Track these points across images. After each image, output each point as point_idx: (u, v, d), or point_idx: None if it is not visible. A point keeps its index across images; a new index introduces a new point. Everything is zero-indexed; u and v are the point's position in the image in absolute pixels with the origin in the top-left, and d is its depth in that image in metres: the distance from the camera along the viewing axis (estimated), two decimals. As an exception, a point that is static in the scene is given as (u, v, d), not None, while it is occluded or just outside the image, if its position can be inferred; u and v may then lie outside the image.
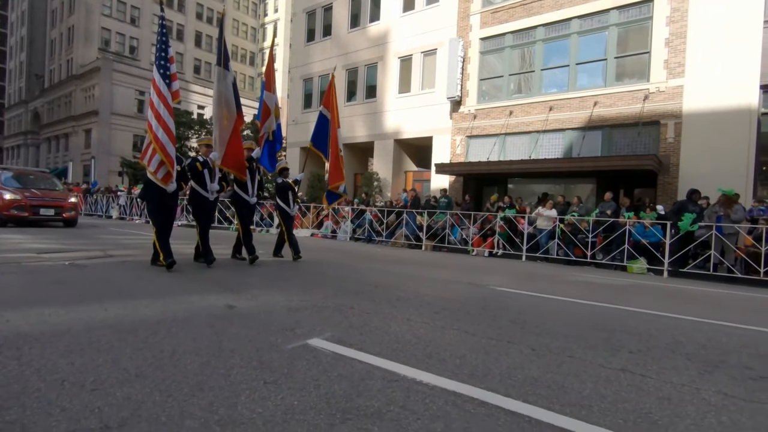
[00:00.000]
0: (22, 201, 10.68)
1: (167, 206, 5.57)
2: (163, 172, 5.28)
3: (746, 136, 10.87)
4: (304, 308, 3.67)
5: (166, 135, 5.28)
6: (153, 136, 5.21)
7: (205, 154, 6.04)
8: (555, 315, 4.01)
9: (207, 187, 5.94)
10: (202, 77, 46.11)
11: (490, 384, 2.18)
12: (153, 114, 5.31)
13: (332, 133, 7.89)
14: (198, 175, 5.90)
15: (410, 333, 3.08)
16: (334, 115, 7.96)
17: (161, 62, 5.46)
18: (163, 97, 5.37)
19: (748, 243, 8.34)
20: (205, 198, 5.97)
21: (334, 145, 7.93)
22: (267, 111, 7.05)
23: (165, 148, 5.22)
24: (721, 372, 2.55)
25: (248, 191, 6.61)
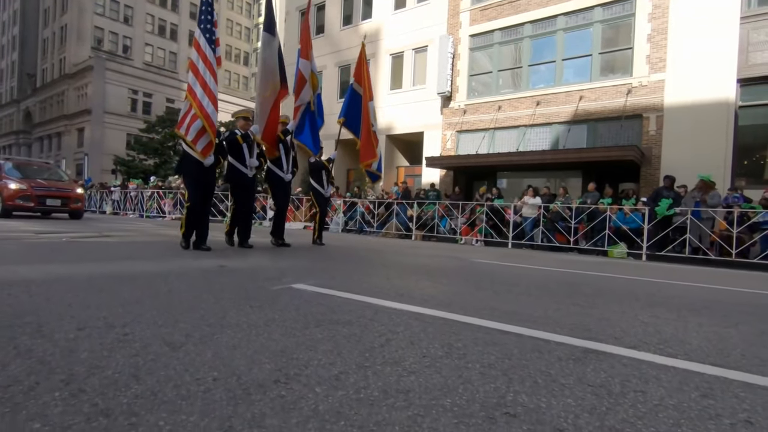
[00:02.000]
0: (28, 191, 10.24)
1: (205, 183, 5.07)
2: (204, 142, 4.81)
3: (724, 129, 11.26)
4: (291, 268, 3.94)
5: (211, 102, 4.84)
6: (196, 103, 4.74)
7: (243, 127, 5.57)
8: (526, 277, 4.30)
9: (246, 162, 5.55)
10: (196, 77, 46.14)
11: (451, 309, 2.46)
12: (197, 80, 4.83)
13: (364, 108, 7.37)
14: (237, 149, 5.48)
15: (387, 283, 3.35)
16: (365, 89, 7.41)
17: (207, 26, 5.00)
18: (209, 62, 4.92)
19: (723, 227, 8.70)
20: (243, 174, 5.58)
21: (366, 121, 7.41)
22: (302, 80, 6.46)
23: (209, 115, 4.78)
24: (662, 306, 2.85)
25: (282, 167, 6.16)
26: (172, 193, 16.47)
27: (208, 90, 4.83)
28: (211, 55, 4.95)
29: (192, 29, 46.71)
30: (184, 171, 5.16)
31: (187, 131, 4.78)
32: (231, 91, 45.26)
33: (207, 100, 4.78)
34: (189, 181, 5.08)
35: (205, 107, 4.75)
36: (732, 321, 2.51)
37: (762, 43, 11.10)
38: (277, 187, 6.28)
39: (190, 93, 4.83)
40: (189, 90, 4.86)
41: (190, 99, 4.80)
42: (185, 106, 4.86)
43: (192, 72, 4.91)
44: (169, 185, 17.50)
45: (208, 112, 4.79)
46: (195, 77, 4.86)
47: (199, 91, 4.79)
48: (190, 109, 4.79)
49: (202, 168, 4.93)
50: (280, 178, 6.19)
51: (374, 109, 7.60)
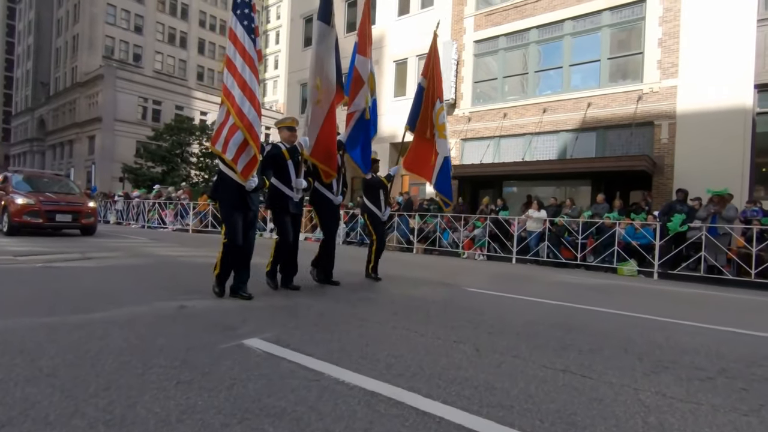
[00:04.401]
0: (36, 206, 9.48)
1: (246, 212, 3.96)
2: (246, 159, 3.76)
3: (741, 136, 10.69)
4: (259, 308, 3.60)
5: (253, 108, 3.80)
6: (235, 110, 3.72)
7: (287, 139, 4.45)
8: (515, 314, 3.90)
9: (291, 184, 4.43)
10: (205, 84, 46.54)
11: (415, 384, 2.09)
12: (236, 80, 3.79)
13: (424, 108, 5.96)
14: (281, 166, 4.38)
15: (357, 333, 3.00)
16: (431, 85, 5.95)
17: (244, 10, 3.92)
18: (249, 57, 3.86)
19: (740, 244, 8.16)
20: (288, 198, 4.43)
21: (424, 123, 5.94)
22: (359, 81, 5.36)
23: (251, 124, 3.75)
24: (668, 373, 2.44)
25: (332, 188, 5.02)
26: (173, 204, 16.34)
27: (249, 92, 3.80)
28: (252, 47, 3.90)
29: (201, 37, 47.14)
30: (220, 197, 3.94)
31: (225, 147, 3.69)
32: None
33: (248, 105, 3.76)
34: (227, 211, 3.88)
35: (246, 114, 3.73)
36: (754, 400, 2.10)
37: (781, 46, 10.53)
38: (325, 212, 5.05)
39: (227, 97, 3.79)
40: (225, 93, 3.81)
41: (228, 105, 3.77)
42: (221, 115, 3.83)
43: (228, 70, 3.83)
44: (168, 195, 17.38)
45: (250, 120, 3.74)
46: (232, 77, 3.80)
47: (237, 93, 3.76)
48: (227, 118, 3.77)
49: (243, 193, 3.86)
50: (329, 201, 5.02)
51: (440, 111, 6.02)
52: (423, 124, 5.96)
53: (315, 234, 14.54)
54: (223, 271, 3.98)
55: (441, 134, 5.98)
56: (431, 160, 5.97)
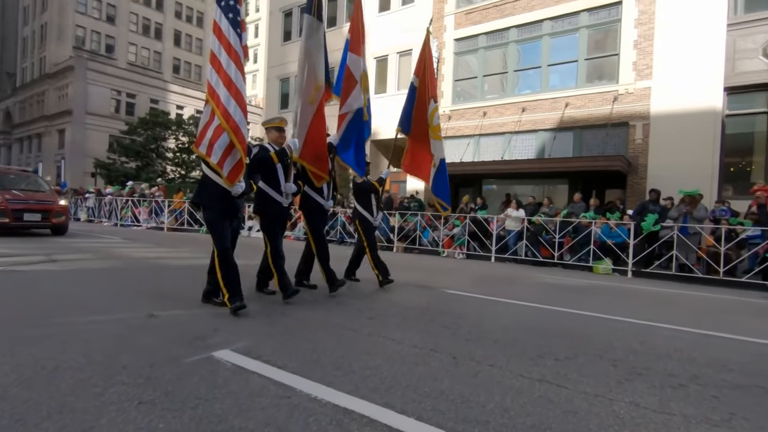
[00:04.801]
0: (2, 204, 9.00)
1: (232, 216, 3.76)
2: (232, 163, 3.52)
3: (711, 138, 11.01)
4: (229, 318, 3.49)
5: (239, 108, 3.58)
6: (221, 110, 3.49)
7: (275, 140, 4.18)
8: (494, 319, 3.90)
9: (281, 188, 4.20)
10: (182, 76, 45.37)
11: (389, 399, 2.04)
12: (220, 77, 3.56)
13: (417, 109, 5.77)
14: (269, 170, 4.12)
15: (332, 341, 2.93)
16: (425, 86, 5.77)
17: (229, 2, 3.67)
18: (234, 53, 3.62)
19: (710, 243, 8.41)
20: (278, 203, 4.20)
21: (420, 124, 5.76)
22: (351, 80, 5.11)
23: (237, 125, 3.54)
24: (642, 380, 2.46)
25: (323, 192, 4.81)
26: (147, 202, 15.88)
27: (235, 90, 3.57)
28: (237, 42, 3.67)
29: (177, 29, 45.85)
30: (205, 203, 3.70)
31: (209, 150, 3.46)
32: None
33: (234, 105, 3.54)
34: (212, 217, 3.65)
35: (232, 114, 3.52)
36: (725, 408, 2.12)
37: (749, 50, 10.86)
38: (316, 217, 4.80)
39: (211, 96, 3.56)
40: (210, 91, 3.59)
41: (213, 104, 3.54)
42: (206, 115, 3.60)
43: (213, 67, 3.61)
44: (142, 192, 16.89)
45: (236, 122, 3.53)
46: (217, 74, 3.57)
47: (223, 93, 3.54)
48: (212, 119, 3.53)
49: (229, 198, 3.63)
50: (319, 206, 4.77)
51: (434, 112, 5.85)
52: (418, 125, 5.79)
53: (294, 232, 14.37)
54: (227, 281, 3.59)
55: (435, 135, 5.85)
56: (429, 162, 5.80)
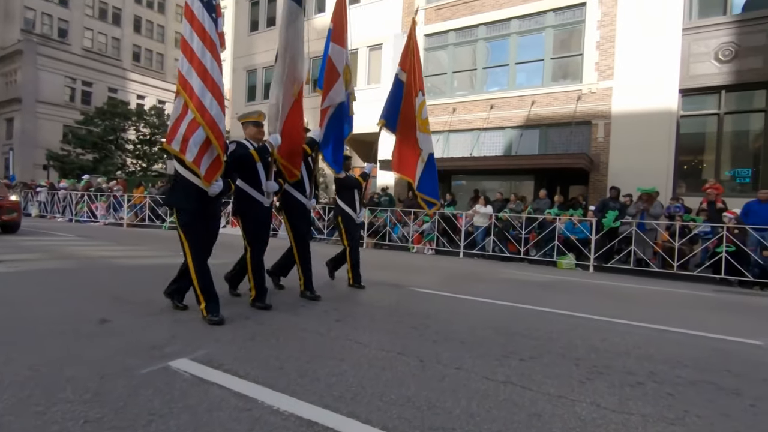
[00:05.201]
0: None
1: (209, 219, 3.48)
2: (209, 161, 3.22)
3: (667, 137, 11.51)
4: (192, 319, 3.35)
5: (216, 101, 3.26)
6: (195, 103, 3.17)
7: (253, 136, 3.86)
8: (462, 318, 3.92)
9: (262, 187, 3.91)
10: (142, 65, 43.38)
11: (355, 408, 1.99)
12: (193, 66, 3.23)
13: (405, 103, 5.56)
14: (249, 168, 3.84)
15: (298, 346, 2.85)
16: (412, 79, 5.59)
17: None
18: (210, 40, 3.29)
19: (665, 239, 8.81)
20: (259, 203, 3.91)
21: (407, 120, 5.56)
22: (333, 72, 4.83)
23: (214, 119, 3.23)
24: (602, 379, 2.52)
25: (305, 190, 4.48)
26: (105, 196, 15.14)
27: (211, 82, 3.24)
28: (212, 28, 3.33)
29: (138, 15, 43.71)
30: (177, 203, 3.40)
31: (184, 146, 3.13)
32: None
33: (210, 98, 3.21)
34: (186, 221, 3.33)
35: (208, 108, 3.20)
36: (680, 406, 2.20)
37: (702, 54, 11.39)
38: (298, 217, 4.47)
39: (183, 87, 3.22)
40: (181, 81, 3.23)
41: (185, 96, 3.20)
42: (177, 108, 3.26)
43: (184, 54, 3.26)
44: (99, 186, 16.09)
45: (213, 116, 3.21)
46: (189, 62, 3.24)
47: (197, 84, 3.20)
48: (185, 112, 3.20)
49: (206, 199, 3.34)
50: (301, 206, 4.47)
51: (422, 106, 5.70)
52: (405, 121, 5.57)
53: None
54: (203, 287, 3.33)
55: (424, 129, 5.72)
56: (416, 158, 5.63)
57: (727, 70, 11.02)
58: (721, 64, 11.11)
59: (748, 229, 7.92)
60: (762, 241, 7.74)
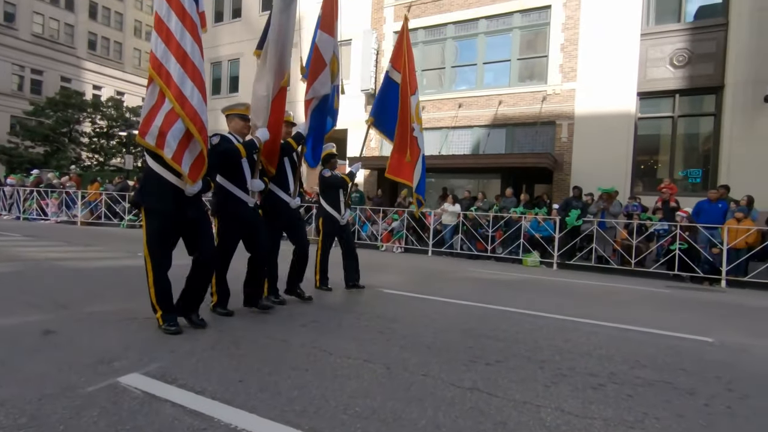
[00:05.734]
0: None
1: (186, 222, 3.09)
2: (192, 156, 2.93)
3: (625, 138, 11.96)
4: (143, 329, 3.16)
5: (197, 89, 2.94)
6: (173, 92, 2.83)
7: (239, 131, 3.58)
8: (429, 320, 3.91)
9: (246, 185, 3.64)
10: (98, 53, 41.21)
11: (317, 423, 1.91)
12: (170, 49, 2.88)
13: (402, 105, 5.36)
14: (233, 164, 3.55)
15: (260, 356, 2.74)
16: (406, 78, 5.38)
17: None
18: (190, 20, 2.96)
19: (623, 237, 9.16)
20: (243, 203, 3.61)
21: (404, 122, 5.37)
22: (320, 62, 4.57)
23: (197, 112, 2.91)
24: (566, 382, 2.55)
25: (288, 187, 4.20)
26: (56, 193, 14.28)
27: (191, 67, 2.91)
28: (193, 7, 3.00)
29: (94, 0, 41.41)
30: (147, 201, 3.02)
31: (160, 141, 2.80)
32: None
33: (191, 86, 2.89)
34: (156, 221, 2.99)
35: (189, 97, 2.87)
36: (639, 408, 2.25)
37: (658, 59, 11.89)
38: (280, 217, 4.18)
39: (157, 72, 2.85)
40: (154, 66, 2.87)
41: (161, 84, 2.84)
42: (151, 96, 2.90)
43: (159, 35, 2.89)
44: (49, 182, 15.17)
45: (194, 106, 2.89)
46: (165, 44, 2.87)
47: (176, 70, 2.86)
48: (161, 101, 2.86)
49: (181, 198, 2.99)
50: (284, 205, 4.18)
51: (418, 105, 5.60)
52: (403, 124, 5.35)
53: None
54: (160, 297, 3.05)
55: (421, 128, 5.65)
56: (414, 161, 5.46)
57: (681, 75, 11.56)
58: (675, 69, 11.64)
59: (699, 228, 8.34)
60: (711, 239, 8.17)
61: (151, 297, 3.09)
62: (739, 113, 10.75)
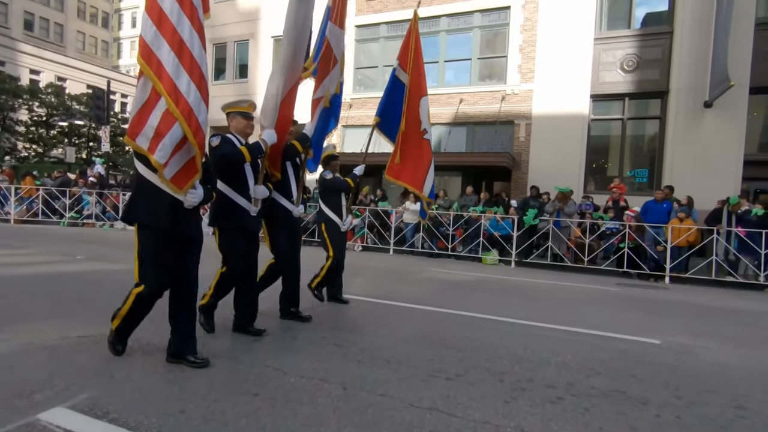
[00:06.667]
0: None
1: (183, 240, 2.65)
2: (181, 161, 2.51)
3: (579, 139, 12.39)
4: (76, 350, 2.87)
5: (196, 85, 2.53)
6: (167, 87, 2.42)
7: (241, 131, 3.20)
8: (388, 330, 3.82)
9: (248, 192, 3.26)
10: (37, 35, 38.15)
11: (265, 460, 1.77)
12: (165, 37, 2.45)
13: (408, 106, 5.01)
14: (237, 169, 3.19)
15: (205, 380, 2.53)
16: (415, 79, 5.02)
17: None
18: (189, 3, 2.54)
19: (577, 235, 9.48)
20: (244, 212, 3.24)
21: (413, 125, 5.03)
22: (330, 57, 4.18)
23: (192, 111, 2.50)
24: (525, 397, 2.53)
25: (291, 194, 3.80)
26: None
27: (188, 57, 2.51)
28: None
29: (29, -24, 38.14)
30: (140, 219, 2.59)
31: (154, 144, 2.40)
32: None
33: (187, 80, 2.49)
34: (149, 239, 2.55)
35: (185, 93, 2.47)
36: (596, 423, 2.26)
37: (609, 63, 12.37)
38: (282, 227, 3.78)
39: (147, 61, 2.42)
40: (144, 54, 2.43)
41: (154, 79, 2.41)
42: (143, 91, 2.47)
43: (151, 18, 2.46)
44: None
45: (189, 104, 2.48)
46: (158, 29, 2.45)
47: (169, 58, 2.45)
48: (155, 97, 2.45)
49: (179, 208, 2.57)
50: (286, 213, 3.77)
51: (428, 109, 5.25)
52: (413, 127, 5.00)
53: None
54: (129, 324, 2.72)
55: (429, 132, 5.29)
56: (426, 166, 5.14)
57: (630, 79, 12.08)
58: (625, 74, 12.15)
59: (646, 227, 8.77)
60: (657, 237, 8.61)
61: (116, 317, 2.68)
62: (681, 117, 11.38)
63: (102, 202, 13.19)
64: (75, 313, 3.73)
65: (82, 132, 26.94)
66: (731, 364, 3.42)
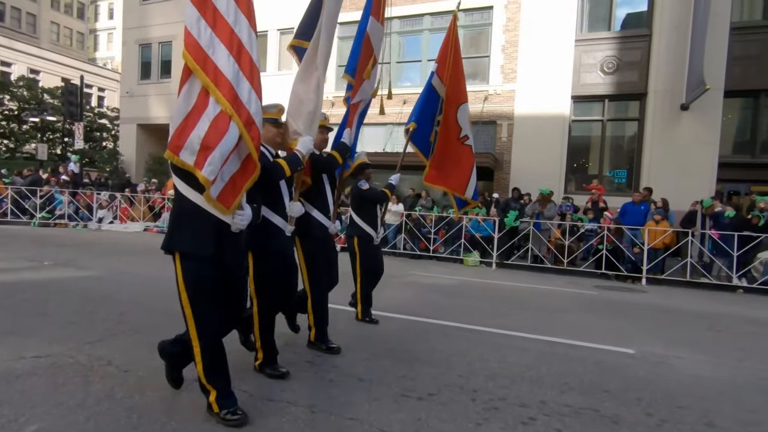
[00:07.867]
0: None
1: (230, 271, 2.30)
2: (228, 176, 2.18)
3: (560, 140, 12.48)
4: (32, 372, 2.71)
5: (256, 93, 2.23)
6: (226, 94, 2.10)
7: (271, 140, 2.80)
8: (362, 343, 3.75)
9: (285, 211, 2.88)
10: (7, 25, 36.75)
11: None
12: (222, 39, 2.13)
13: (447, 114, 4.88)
14: (272, 185, 2.75)
15: (161, 407, 2.41)
16: (454, 86, 4.85)
17: None
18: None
19: (557, 236, 9.56)
20: (279, 232, 2.85)
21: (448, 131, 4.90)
22: (370, 56, 3.76)
23: (254, 121, 2.21)
24: (497, 418, 2.48)
25: (327, 209, 3.41)
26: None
27: (248, 61, 2.20)
28: None
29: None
30: (181, 247, 2.20)
31: (201, 158, 2.03)
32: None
33: (248, 87, 2.19)
34: (201, 274, 2.19)
35: (246, 102, 2.17)
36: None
37: (590, 65, 12.47)
38: (318, 247, 3.38)
39: (201, 65, 2.07)
40: (196, 55, 2.07)
41: (205, 79, 2.08)
42: (187, 98, 2.10)
43: (204, 17, 2.10)
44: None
45: (251, 115, 2.20)
46: (209, 24, 2.12)
47: (227, 64, 2.13)
48: (203, 104, 2.09)
49: (225, 238, 2.21)
50: (323, 229, 3.38)
51: (468, 115, 5.11)
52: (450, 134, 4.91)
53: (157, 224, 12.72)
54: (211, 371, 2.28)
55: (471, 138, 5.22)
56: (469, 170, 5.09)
57: (610, 81, 12.21)
58: (605, 75, 12.27)
59: (624, 229, 8.88)
60: (634, 239, 8.72)
61: (199, 373, 2.27)
62: (659, 119, 11.55)
63: (75, 201, 12.79)
64: (34, 330, 3.55)
65: (56, 127, 26.07)
66: (703, 375, 3.45)
